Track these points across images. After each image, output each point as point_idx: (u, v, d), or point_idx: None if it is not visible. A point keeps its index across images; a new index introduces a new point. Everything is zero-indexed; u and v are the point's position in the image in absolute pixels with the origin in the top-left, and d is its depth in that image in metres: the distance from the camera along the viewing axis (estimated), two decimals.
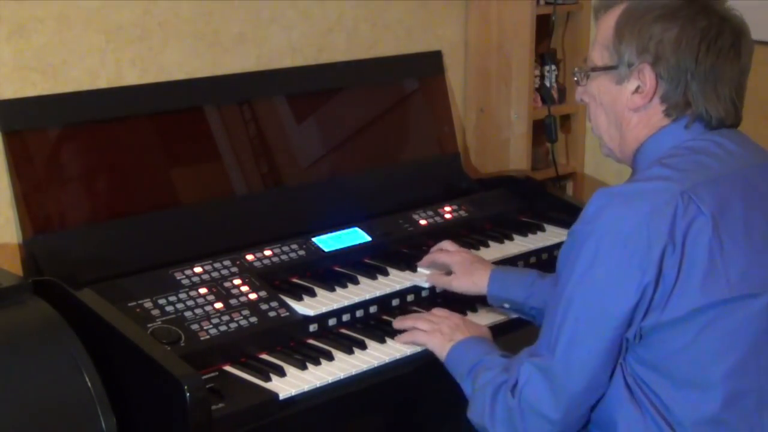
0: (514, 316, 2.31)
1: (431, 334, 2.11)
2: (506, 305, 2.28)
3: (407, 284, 2.38)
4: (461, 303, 2.34)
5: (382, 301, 2.34)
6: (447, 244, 2.44)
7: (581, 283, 1.72)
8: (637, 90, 1.82)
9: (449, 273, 2.35)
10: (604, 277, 1.70)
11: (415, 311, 2.33)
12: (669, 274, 1.67)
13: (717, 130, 1.81)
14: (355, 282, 2.35)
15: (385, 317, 2.31)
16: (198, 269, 2.25)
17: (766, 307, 1.72)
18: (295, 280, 2.35)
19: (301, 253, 2.41)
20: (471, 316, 2.28)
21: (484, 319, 2.29)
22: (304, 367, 2.07)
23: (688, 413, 1.71)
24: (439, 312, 2.20)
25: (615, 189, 1.77)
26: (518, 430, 1.78)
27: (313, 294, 2.28)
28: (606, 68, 1.85)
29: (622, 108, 1.84)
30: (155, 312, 2.09)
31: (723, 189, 1.73)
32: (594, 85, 1.89)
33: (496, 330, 2.24)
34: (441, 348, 2.06)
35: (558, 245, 2.61)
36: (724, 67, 1.78)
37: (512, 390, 1.79)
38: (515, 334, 2.30)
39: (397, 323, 2.22)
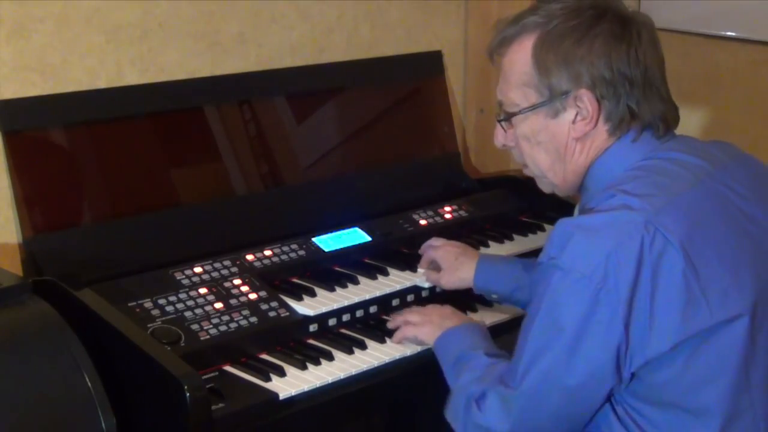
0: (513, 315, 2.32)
1: (421, 325, 2.11)
2: (494, 296, 2.30)
3: (407, 284, 2.38)
4: (461, 303, 2.34)
5: (382, 301, 2.34)
6: (434, 240, 2.44)
7: (548, 321, 1.68)
8: (576, 117, 1.77)
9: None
10: (569, 317, 1.65)
11: None
12: (641, 313, 1.62)
13: (665, 140, 1.78)
14: (355, 282, 2.35)
15: (385, 317, 2.30)
16: (198, 269, 2.25)
17: (749, 327, 1.67)
18: (295, 280, 2.35)
19: (301, 253, 2.41)
20: (471, 316, 2.28)
21: (484, 319, 2.29)
22: (304, 367, 2.07)
23: None
24: (430, 306, 2.19)
25: (576, 221, 1.71)
26: None
27: (313, 294, 2.28)
28: (535, 106, 1.79)
29: (565, 140, 1.79)
30: (155, 312, 2.09)
31: (688, 209, 1.68)
32: (525, 127, 1.82)
33: (496, 330, 2.24)
34: (431, 337, 2.06)
35: None
36: (654, 66, 1.76)
37: (478, 402, 1.77)
38: (515, 334, 2.29)
39: (391, 323, 2.22)
